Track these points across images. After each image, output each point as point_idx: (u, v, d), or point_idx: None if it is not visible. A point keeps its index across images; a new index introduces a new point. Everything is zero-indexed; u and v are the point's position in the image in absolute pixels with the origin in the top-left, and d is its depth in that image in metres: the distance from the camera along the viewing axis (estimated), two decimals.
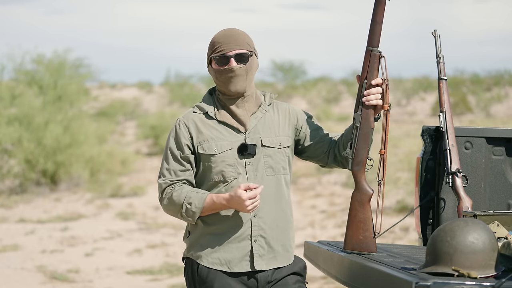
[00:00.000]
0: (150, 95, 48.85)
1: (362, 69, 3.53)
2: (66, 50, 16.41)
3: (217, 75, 3.46)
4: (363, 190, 3.52)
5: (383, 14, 3.50)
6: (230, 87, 3.44)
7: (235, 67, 3.43)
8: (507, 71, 43.14)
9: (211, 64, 3.48)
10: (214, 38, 3.48)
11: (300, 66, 45.74)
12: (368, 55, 3.51)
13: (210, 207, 3.39)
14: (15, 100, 15.38)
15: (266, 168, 3.45)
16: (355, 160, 3.51)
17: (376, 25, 3.51)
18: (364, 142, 3.50)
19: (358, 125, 3.49)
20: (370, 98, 3.47)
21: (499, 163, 4.36)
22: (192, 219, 3.41)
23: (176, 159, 3.46)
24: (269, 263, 3.45)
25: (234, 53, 3.43)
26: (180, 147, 3.46)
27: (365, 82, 3.49)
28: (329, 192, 14.19)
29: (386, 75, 3.50)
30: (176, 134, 3.48)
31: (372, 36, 3.51)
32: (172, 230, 11.26)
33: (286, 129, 3.54)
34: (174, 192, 3.43)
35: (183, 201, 3.40)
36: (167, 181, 3.46)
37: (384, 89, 3.49)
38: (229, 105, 3.48)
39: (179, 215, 3.43)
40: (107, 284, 8.20)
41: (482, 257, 2.96)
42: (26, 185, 14.78)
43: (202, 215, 3.42)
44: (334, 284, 7.69)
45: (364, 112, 3.49)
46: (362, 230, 3.51)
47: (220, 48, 3.43)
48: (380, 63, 3.50)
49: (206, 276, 3.42)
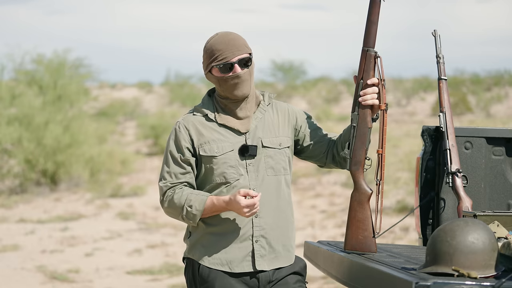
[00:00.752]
0: (150, 95, 48.85)
1: (358, 69, 3.54)
2: (66, 50, 16.42)
3: (220, 82, 3.43)
4: (361, 190, 3.52)
5: (378, 15, 3.52)
6: (236, 93, 3.43)
7: (240, 73, 3.42)
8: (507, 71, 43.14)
9: (210, 71, 3.46)
10: (212, 45, 3.44)
11: (300, 66, 45.76)
12: (364, 55, 3.52)
13: (211, 209, 3.39)
14: (15, 100, 15.39)
15: (267, 168, 3.45)
16: (353, 160, 3.51)
17: (371, 25, 3.52)
18: (361, 142, 3.51)
19: (355, 125, 3.50)
20: (366, 98, 3.48)
21: (499, 163, 4.36)
22: (193, 221, 3.41)
23: (176, 162, 3.46)
24: (271, 263, 3.45)
25: (237, 59, 3.42)
26: (180, 150, 3.45)
27: (361, 82, 3.51)
28: (329, 192, 14.19)
29: (383, 75, 3.51)
30: (176, 137, 3.47)
31: (368, 36, 3.52)
32: (172, 230, 11.26)
33: (285, 129, 3.54)
34: (175, 195, 3.43)
35: (184, 204, 3.40)
36: (167, 184, 3.45)
37: (380, 88, 3.49)
38: (232, 108, 3.46)
39: (180, 217, 3.44)
40: (107, 284, 8.20)
41: (482, 257, 2.96)
42: (26, 185, 14.78)
43: (203, 217, 3.42)
44: (334, 284, 7.69)
45: (361, 112, 3.50)
46: (362, 230, 3.51)
47: (222, 55, 3.41)
48: (376, 63, 3.51)
49: (207, 276, 3.43)
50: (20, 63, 16.06)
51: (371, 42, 3.52)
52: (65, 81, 15.90)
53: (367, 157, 3.52)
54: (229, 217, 3.42)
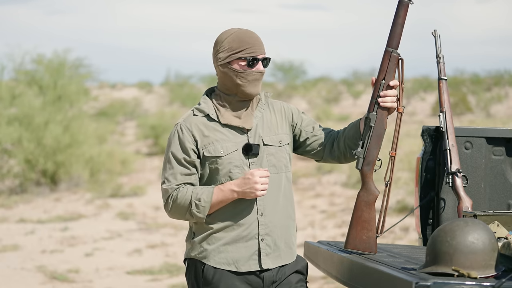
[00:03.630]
0: (150, 95, 48.87)
1: (379, 69, 3.52)
2: (66, 50, 16.41)
3: (239, 76, 3.41)
4: (370, 190, 3.53)
5: (405, 17, 3.52)
6: (250, 90, 3.42)
7: (262, 71, 3.44)
8: (507, 71, 43.19)
9: (229, 62, 3.43)
10: (239, 37, 3.42)
11: (300, 66, 45.79)
12: (387, 56, 3.51)
13: (218, 198, 3.36)
14: (15, 100, 15.38)
15: (269, 166, 3.46)
16: (366, 159, 3.51)
17: (397, 27, 3.52)
18: (376, 142, 3.51)
19: (373, 125, 3.50)
20: (386, 100, 3.48)
21: (499, 163, 4.36)
22: (203, 214, 3.38)
23: (180, 163, 3.43)
24: (275, 261, 3.45)
25: (262, 57, 3.44)
26: (185, 151, 3.42)
27: (383, 82, 3.50)
28: (329, 192, 14.19)
29: (403, 78, 3.51)
30: (179, 139, 3.44)
31: (393, 37, 3.52)
32: (172, 230, 11.25)
33: (284, 126, 3.54)
34: (179, 193, 3.40)
35: (191, 199, 3.37)
36: (172, 186, 3.42)
37: (399, 91, 3.50)
38: (238, 107, 3.46)
39: (188, 214, 3.39)
40: (107, 284, 8.20)
41: (482, 257, 2.96)
42: (26, 185, 14.78)
43: (212, 211, 3.39)
44: (334, 284, 7.69)
45: (379, 113, 3.50)
46: (366, 230, 3.52)
47: (252, 49, 3.41)
48: (398, 66, 3.51)
49: (212, 276, 3.41)
50: (20, 63, 16.05)
51: (395, 44, 3.52)
52: (65, 81, 15.90)
53: (378, 158, 3.52)
54: (235, 216, 3.41)
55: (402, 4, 3.51)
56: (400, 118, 3.52)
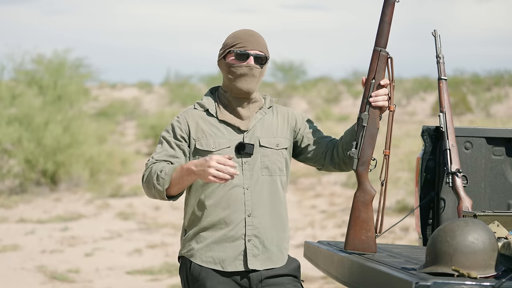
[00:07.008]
0: (150, 95, 48.87)
1: (369, 69, 3.52)
2: (66, 50, 16.43)
3: (231, 69, 3.45)
4: (366, 190, 3.52)
5: (392, 15, 3.52)
6: (241, 85, 3.44)
7: (253, 66, 3.44)
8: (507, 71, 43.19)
9: (224, 57, 3.48)
10: (235, 34, 3.48)
11: (300, 66, 45.73)
12: (376, 56, 3.51)
13: (178, 174, 3.31)
14: (15, 100, 15.39)
15: (262, 168, 3.45)
16: (360, 160, 3.51)
17: (384, 25, 3.52)
18: (370, 142, 3.51)
19: (366, 125, 3.50)
20: (377, 99, 3.48)
21: (499, 163, 4.36)
22: (162, 187, 3.33)
23: (169, 144, 3.44)
24: (264, 264, 3.45)
25: (254, 53, 3.45)
26: (176, 136, 3.45)
27: (373, 82, 3.50)
28: (329, 192, 14.20)
29: (393, 77, 3.51)
30: (173, 126, 3.48)
31: (381, 36, 3.52)
32: (172, 230, 11.26)
33: (284, 131, 3.54)
34: (154, 166, 3.39)
35: (156, 171, 3.35)
36: (153, 160, 3.42)
37: (390, 90, 3.50)
38: (234, 105, 3.47)
39: (153, 187, 3.36)
40: (107, 284, 8.20)
41: (482, 257, 2.96)
42: (26, 185, 14.79)
43: (174, 187, 3.34)
44: (334, 284, 7.69)
45: (371, 112, 3.50)
46: (365, 230, 3.51)
47: (243, 44, 3.44)
48: (387, 64, 3.51)
49: (199, 274, 3.42)
50: (20, 63, 16.07)
51: (383, 43, 3.52)
52: (65, 81, 15.91)
53: (372, 157, 3.52)
54: (223, 216, 3.42)
55: (388, 3, 3.52)
56: (392, 117, 3.52)
